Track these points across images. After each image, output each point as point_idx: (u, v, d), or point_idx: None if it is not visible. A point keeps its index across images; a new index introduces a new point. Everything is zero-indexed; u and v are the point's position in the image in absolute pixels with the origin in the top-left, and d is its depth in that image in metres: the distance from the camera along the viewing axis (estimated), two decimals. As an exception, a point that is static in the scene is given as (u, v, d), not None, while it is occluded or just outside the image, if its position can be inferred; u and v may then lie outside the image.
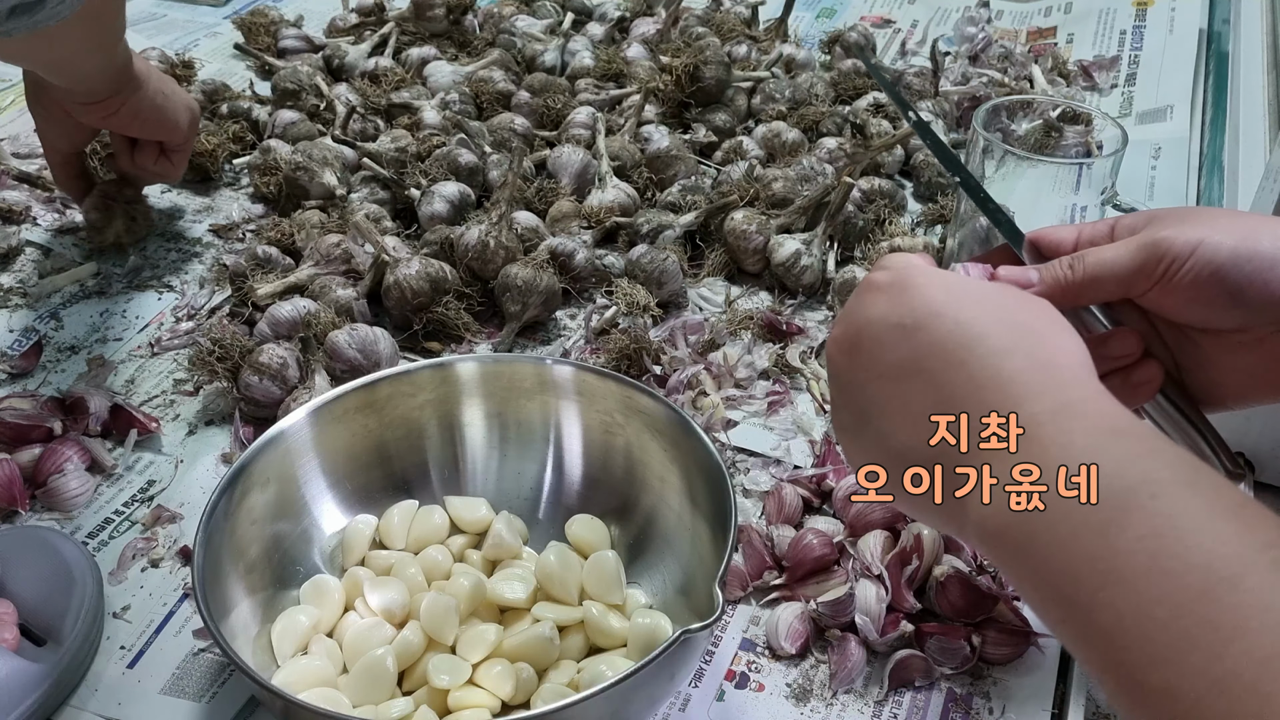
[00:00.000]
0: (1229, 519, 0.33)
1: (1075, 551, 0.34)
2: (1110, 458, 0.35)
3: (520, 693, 0.58)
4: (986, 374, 0.40)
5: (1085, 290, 0.47)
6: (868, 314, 0.44)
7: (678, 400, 0.79)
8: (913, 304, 0.42)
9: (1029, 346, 0.40)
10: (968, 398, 0.40)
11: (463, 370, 0.70)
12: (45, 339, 0.88)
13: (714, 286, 0.94)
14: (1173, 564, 0.32)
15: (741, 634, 0.65)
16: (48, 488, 0.73)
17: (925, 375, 0.41)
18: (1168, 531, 0.33)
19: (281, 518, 0.64)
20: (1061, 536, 0.35)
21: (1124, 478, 0.35)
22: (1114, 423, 0.37)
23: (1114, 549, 0.33)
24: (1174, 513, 0.33)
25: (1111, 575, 0.33)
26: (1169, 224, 0.46)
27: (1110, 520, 0.34)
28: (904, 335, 0.42)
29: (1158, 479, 0.34)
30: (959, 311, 0.41)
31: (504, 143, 1.05)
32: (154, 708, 0.61)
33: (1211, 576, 0.31)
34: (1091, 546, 0.34)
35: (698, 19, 1.30)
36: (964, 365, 0.40)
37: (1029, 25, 1.38)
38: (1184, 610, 0.31)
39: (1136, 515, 0.33)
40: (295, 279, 0.88)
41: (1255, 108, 1.03)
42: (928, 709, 0.61)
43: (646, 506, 0.66)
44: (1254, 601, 0.30)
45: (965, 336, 0.41)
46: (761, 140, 1.08)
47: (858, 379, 0.44)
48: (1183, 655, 0.31)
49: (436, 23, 1.26)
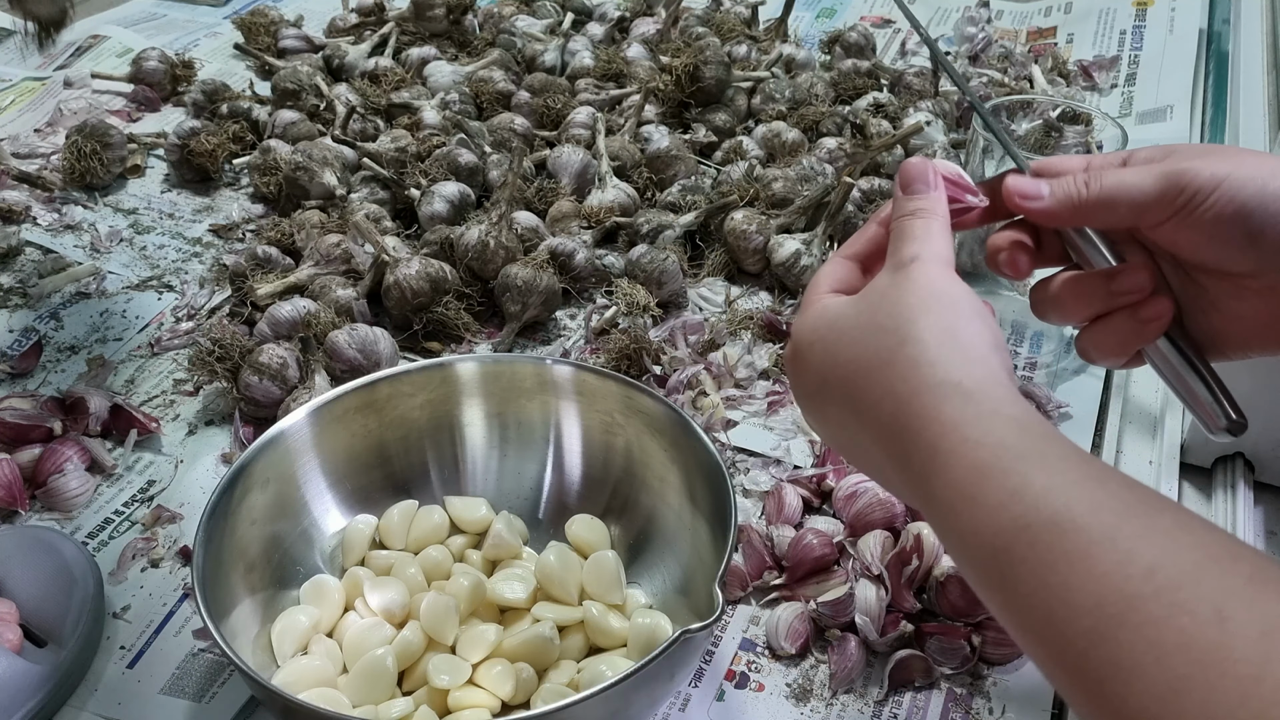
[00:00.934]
0: (1108, 550, 0.33)
1: (985, 582, 0.36)
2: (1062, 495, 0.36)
3: (520, 693, 0.58)
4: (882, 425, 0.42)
5: (1097, 210, 0.45)
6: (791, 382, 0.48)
7: (678, 400, 0.79)
8: (803, 379, 0.46)
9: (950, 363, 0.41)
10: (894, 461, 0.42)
11: (463, 370, 0.70)
12: (45, 339, 0.88)
13: (714, 286, 0.94)
14: (1072, 603, 0.33)
15: (741, 634, 0.65)
16: (48, 488, 0.73)
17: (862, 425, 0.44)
18: (1055, 570, 0.33)
19: (281, 518, 0.64)
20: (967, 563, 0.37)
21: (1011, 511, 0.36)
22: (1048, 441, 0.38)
23: (1014, 592, 0.35)
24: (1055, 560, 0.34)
25: (1017, 619, 0.34)
26: (1192, 156, 0.44)
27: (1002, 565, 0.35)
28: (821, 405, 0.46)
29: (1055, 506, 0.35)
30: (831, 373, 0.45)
31: (504, 143, 1.05)
32: (154, 708, 0.61)
33: (1102, 617, 0.32)
34: (994, 578, 0.36)
35: (698, 19, 1.30)
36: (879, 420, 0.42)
37: (1029, 25, 1.38)
38: (1088, 654, 0.32)
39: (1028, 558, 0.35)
40: (295, 279, 0.88)
41: (1255, 108, 1.03)
42: (928, 709, 0.61)
43: (646, 506, 0.66)
44: (1145, 637, 0.31)
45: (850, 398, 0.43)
46: (761, 140, 1.08)
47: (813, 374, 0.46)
48: (1101, 698, 0.32)
49: (436, 23, 1.26)
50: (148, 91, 1.22)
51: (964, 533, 0.37)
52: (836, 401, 0.44)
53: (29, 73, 1.28)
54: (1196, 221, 0.43)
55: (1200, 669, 0.29)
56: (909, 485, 0.40)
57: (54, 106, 1.19)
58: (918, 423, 0.39)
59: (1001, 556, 0.35)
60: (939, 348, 0.40)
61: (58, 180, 1.05)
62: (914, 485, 0.40)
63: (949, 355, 0.40)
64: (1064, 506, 0.34)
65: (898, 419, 0.40)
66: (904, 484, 0.41)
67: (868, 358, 0.42)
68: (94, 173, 1.04)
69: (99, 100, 1.21)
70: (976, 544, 0.36)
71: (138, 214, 1.04)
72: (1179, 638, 0.30)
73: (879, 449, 0.42)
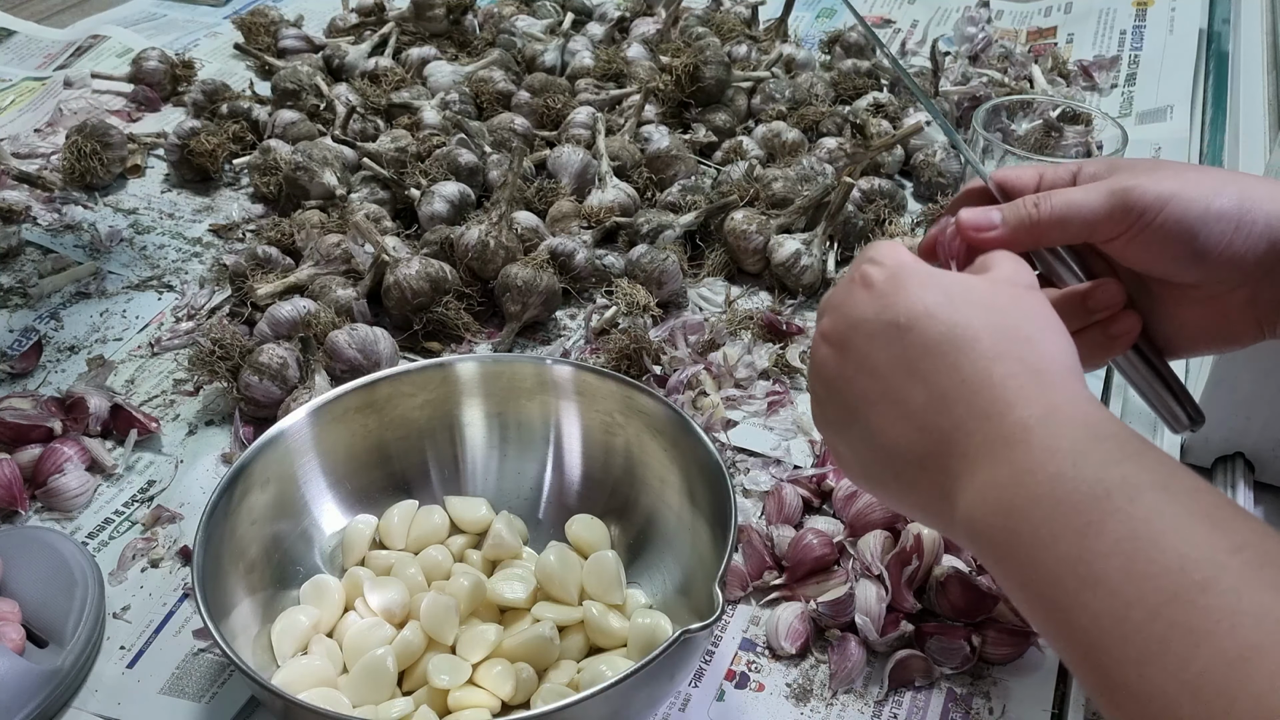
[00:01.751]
0: (1203, 522, 0.33)
1: (1056, 554, 0.35)
2: (1092, 462, 0.36)
3: (520, 693, 0.59)
4: (979, 377, 0.40)
5: (1050, 231, 0.47)
6: (860, 311, 0.44)
7: (678, 400, 0.79)
8: (908, 303, 0.42)
9: (1020, 351, 0.40)
10: (959, 400, 0.40)
11: (463, 370, 0.70)
12: (45, 339, 0.88)
13: (714, 286, 0.94)
14: (1147, 567, 0.33)
15: (741, 634, 0.65)
16: (48, 488, 0.73)
17: (918, 375, 0.41)
18: (1143, 535, 0.33)
19: (281, 518, 0.64)
20: (1043, 539, 0.35)
21: (1104, 482, 0.35)
22: (1097, 427, 0.38)
23: (1092, 552, 0.34)
24: (1149, 517, 0.34)
25: (1090, 578, 0.34)
26: (1138, 173, 0.46)
27: (1089, 523, 0.34)
28: (897, 334, 0.42)
29: (1136, 483, 0.35)
30: (952, 313, 0.41)
31: (504, 143, 1.05)
32: (154, 708, 0.61)
33: (1183, 580, 0.32)
34: (1071, 549, 0.35)
35: (698, 19, 1.30)
36: (957, 368, 0.41)
37: (1029, 25, 1.38)
38: (1157, 613, 0.32)
39: (1113, 519, 0.34)
40: (295, 279, 0.88)
41: (1255, 108, 1.03)
42: (928, 709, 0.61)
43: (646, 506, 0.66)
44: (1223, 604, 0.31)
45: (959, 339, 0.41)
46: (761, 140, 1.08)
47: (846, 374, 0.44)
48: (1156, 658, 0.31)
49: (436, 23, 1.26)
50: (148, 91, 1.22)
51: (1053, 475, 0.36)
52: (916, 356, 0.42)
53: (29, 73, 1.28)
54: (1145, 238, 0.46)
55: (1272, 638, 0.30)
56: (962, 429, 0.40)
57: (54, 106, 1.19)
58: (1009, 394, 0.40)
59: (1094, 505, 0.35)
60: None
61: (58, 180, 1.05)
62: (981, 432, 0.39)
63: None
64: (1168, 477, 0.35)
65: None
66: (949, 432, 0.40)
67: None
68: (94, 173, 1.04)
69: (99, 100, 1.21)
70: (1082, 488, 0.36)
71: (138, 214, 1.04)
72: (1258, 609, 0.31)
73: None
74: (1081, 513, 0.35)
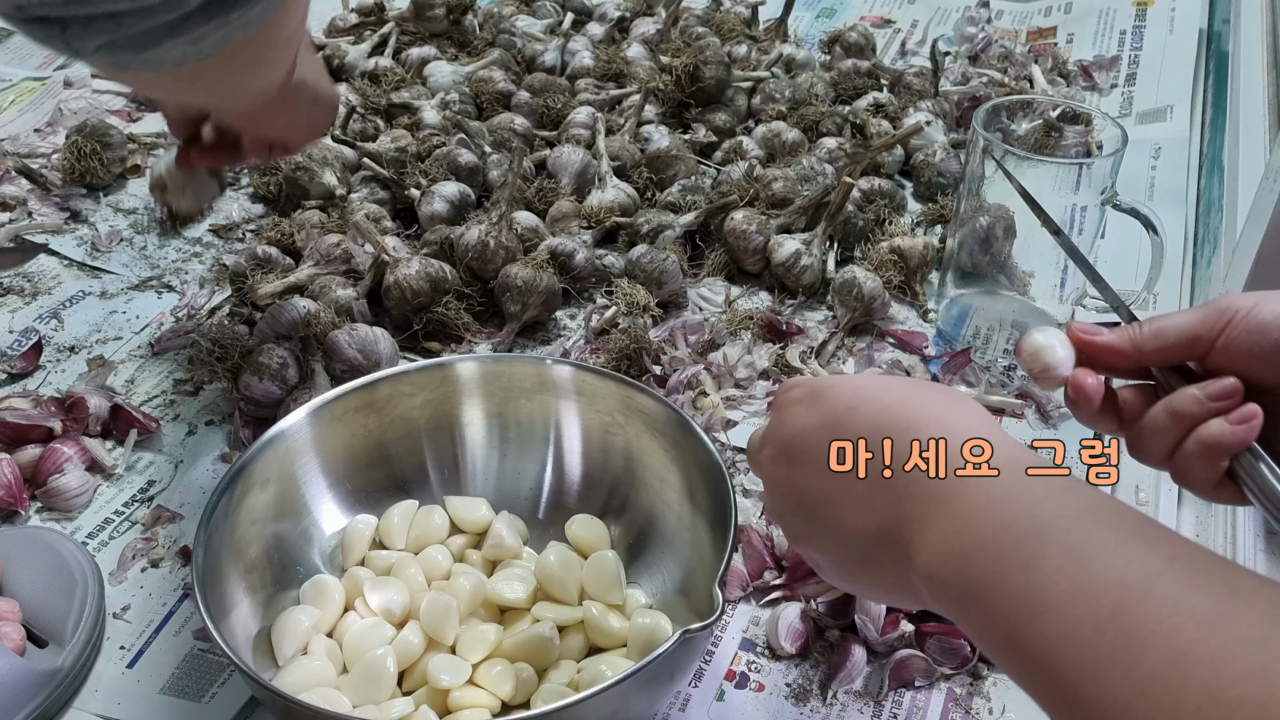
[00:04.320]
0: (1135, 540, 0.36)
1: (1006, 590, 0.37)
2: (1026, 500, 0.39)
3: (520, 693, 0.59)
4: (909, 448, 0.43)
5: (1150, 342, 0.49)
6: (799, 423, 0.48)
7: (678, 400, 0.79)
8: (833, 403, 0.47)
9: (940, 414, 0.44)
10: (896, 473, 0.43)
11: (462, 370, 0.70)
12: (45, 339, 0.88)
13: (714, 286, 0.94)
14: (1090, 586, 0.35)
15: (741, 634, 0.65)
16: (48, 488, 0.73)
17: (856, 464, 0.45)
18: (1082, 559, 0.36)
19: (281, 518, 0.64)
20: (993, 576, 0.38)
21: (1039, 517, 0.38)
22: (1026, 465, 0.41)
23: (1038, 581, 0.36)
24: (1084, 542, 0.36)
25: (1039, 605, 0.36)
26: (1243, 295, 0.48)
27: (1031, 556, 0.37)
28: (833, 431, 0.46)
29: (1067, 514, 0.37)
30: (870, 402, 0.46)
31: (504, 143, 1.05)
32: (154, 708, 0.61)
33: (1124, 593, 0.34)
34: (1018, 582, 0.37)
35: (698, 19, 1.30)
36: (888, 442, 0.44)
37: (1029, 25, 1.38)
38: (1104, 627, 0.34)
39: (1053, 549, 0.36)
40: (295, 279, 0.88)
41: (1255, 108, 1.03)
42: (928, 709, 0.61)
43: (646, 506, 0.66)
44: (1162, 606, 0.33)
45: (883, 419, 0.45)
46: (761, 140, 1.08)
47: (798, 483, 0.47)
48: (1107, 667, 0.33)
49: (436, 23, 1.26)
50: (148, 91, 1.22)
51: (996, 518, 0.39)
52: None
53: (29, 73, 1.28)
54: (1239, 341, 0.47)
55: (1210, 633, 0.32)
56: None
57: (54, 106, 1.19)
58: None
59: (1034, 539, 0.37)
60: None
61: (58, 180, 1.05)
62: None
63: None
64: (1096, 506, 0.38)
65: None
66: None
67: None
68: (94, 173, 1.04)
69: (99, 100, 1.21)
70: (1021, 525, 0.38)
71: (138, 214, 1.04)
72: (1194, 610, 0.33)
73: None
74: (1023, 548, 0.37)
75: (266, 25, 0.51)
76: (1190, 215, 1.01)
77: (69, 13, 0.44)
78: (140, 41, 0.46)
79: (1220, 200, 0.99)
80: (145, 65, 0.48)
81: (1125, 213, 0.79)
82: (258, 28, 0.50)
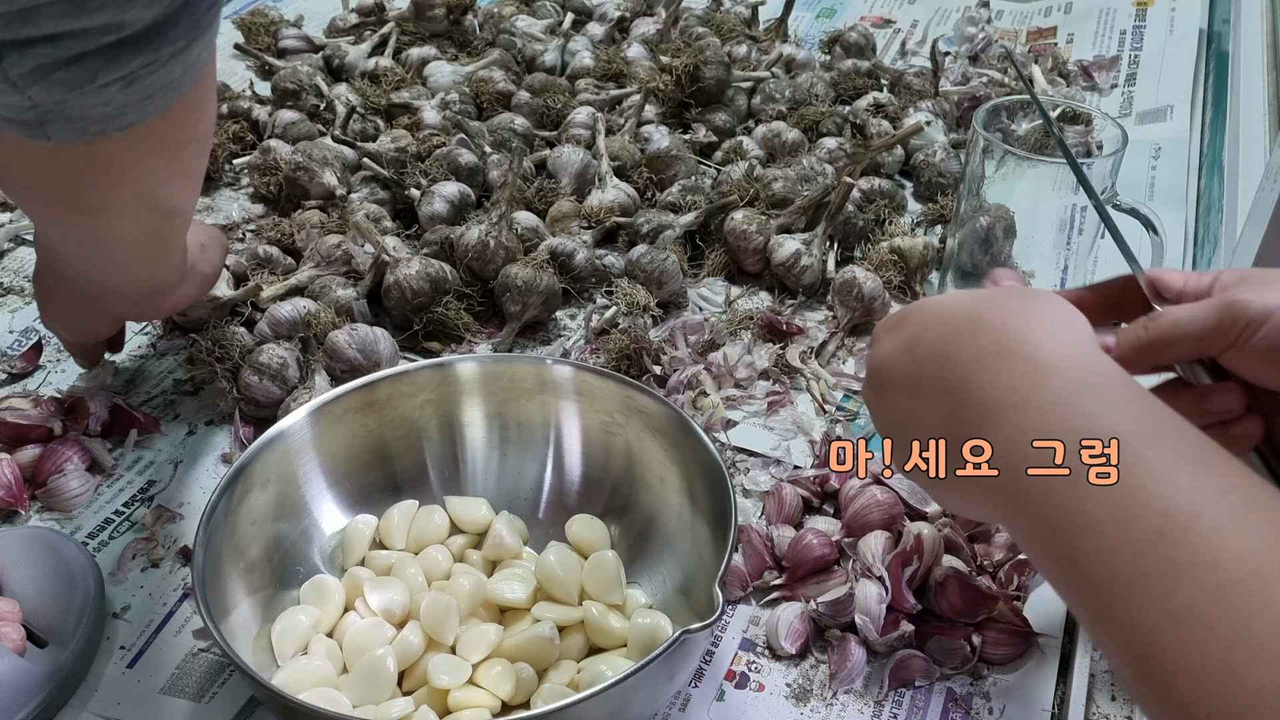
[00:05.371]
0: (1189, 466, 0.36)
1: (1051, 505, 0.37)
2: (1080, 414, 0.38)
3: (520, 693, 0.59)
4: (968, 356, 0.44)
5: (1160, 350, 0.49)
6: (880, 354, 0.49)
7: (678, 400, 0.79)
8: (910, 330, 0.48)
9: (998, 323, 0.44)
10: (961, 381, 0.44)
11: (463, 370, 0.70)
12: (45, 339, 0.87)
13: (714, 286, 0.94)
14: (1134, 510, 0.35)
15: (741, 634, 0.65)
16: (48, 488, 0.73)
17: (927, 381, 0.46)
18: (1130, 481, 0.36)
19: (281, 518, 0.64)
20: (1040, 493, 0.38)
21: (1092, 432, 0.37)
22: (1084, 378, 0.40)
23: (1083, 500, 0.36)
24: (1135, 464, 0.36)
25: (1082, 525, 0.36)
26: (1252, 286, 0.47)
27: (1079, 474, 0.37)
28: (908, 357, 0.47)
29: (1123, 431, 0.37)
30: (940, 323, 0.47)
31: (504, 143, 1.05)
32: (154, 708, 0.61)
33: (1169, 520, 0.34)
34: (1064, 500, 0.37)
35: (698, 19, 1.30)
36: (948, 358, 0.45)
37: (1029, 25, 1.38)
38: (1143, 552, 0.34)
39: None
40: (296, 281, 0.88)
41: (1255, 108, 1.03)
42: (928, 709, 0.61)
43: (646, 506, 0.66)
44: (1206, 540, 0.33)
45: (945, 341, 0.46)
46: (761, 140, 1.08)
47: (888, 406, 0.49)
48: (1141, 593, 0.33)
49: (436, 23, 1.26)
50: (148, 91, 1.22)
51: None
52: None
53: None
54: (1252, 350, 0.47)
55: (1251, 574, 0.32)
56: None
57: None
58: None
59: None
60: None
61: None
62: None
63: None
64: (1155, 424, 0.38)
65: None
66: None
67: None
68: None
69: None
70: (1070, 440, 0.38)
71: (138, 214, 1.03)
72: (1240, 547, 0.33)
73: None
74: (1071, 464, 0.37)
75: (183, 105, 0.50)
76: (1190, 215, 1.01)
77: (10, 35, 0.43)
78: (75, 74, 0.45)
79: (1220, 200, 0.99)
80: (79, 101, 0.46)
81: (1125, 213, 0.79)
82: (179, 97, 0.50)
